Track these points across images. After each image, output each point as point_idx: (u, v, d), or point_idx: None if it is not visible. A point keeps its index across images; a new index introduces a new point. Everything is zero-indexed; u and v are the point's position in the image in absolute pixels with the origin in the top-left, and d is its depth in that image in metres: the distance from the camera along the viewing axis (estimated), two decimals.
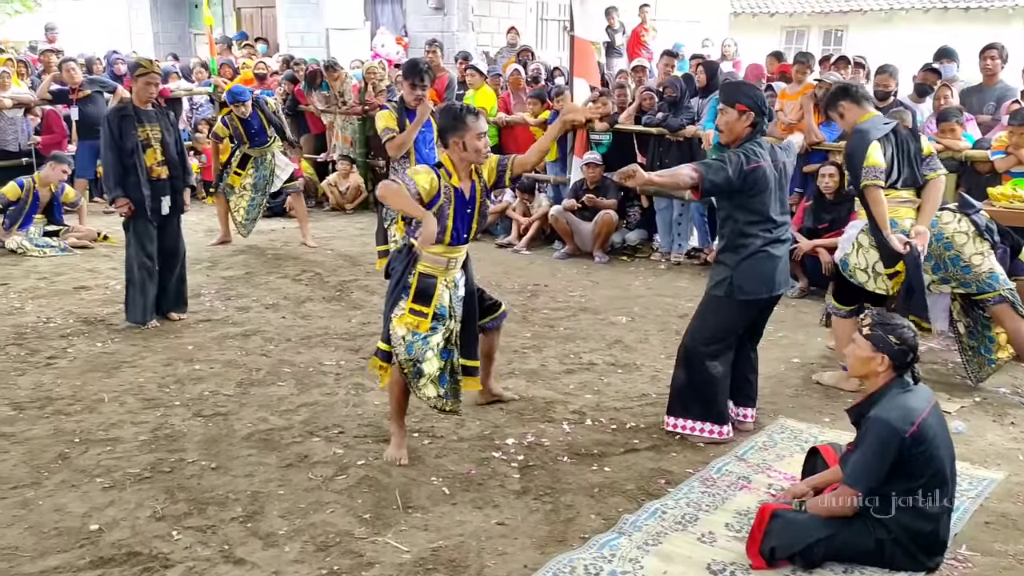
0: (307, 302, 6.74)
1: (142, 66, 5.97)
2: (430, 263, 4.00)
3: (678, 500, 3.71)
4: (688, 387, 4.30)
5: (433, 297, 3.97)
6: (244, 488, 3.80)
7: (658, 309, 6.68)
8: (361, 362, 5.37)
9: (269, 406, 4.72)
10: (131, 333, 5.92)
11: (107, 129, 5.86)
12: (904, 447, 3.03)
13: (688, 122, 8.06)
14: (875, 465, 3.06)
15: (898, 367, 3.19)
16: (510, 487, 3.84)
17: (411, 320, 3.93)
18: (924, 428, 3.06)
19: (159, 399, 4.80)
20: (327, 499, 3.71)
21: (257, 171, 8.41)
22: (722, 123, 4.17)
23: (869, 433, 3.08)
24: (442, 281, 4.02)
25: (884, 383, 3.22)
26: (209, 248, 8.48)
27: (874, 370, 3.22)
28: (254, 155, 8.38)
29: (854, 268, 4.90)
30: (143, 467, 3.99)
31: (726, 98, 4.18)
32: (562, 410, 4.70)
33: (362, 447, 4.22)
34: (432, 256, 3.99)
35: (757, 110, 4.10)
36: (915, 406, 3.11)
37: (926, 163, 4.81)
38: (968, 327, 5.06)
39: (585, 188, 8.37)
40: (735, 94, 4.17)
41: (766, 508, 3.26)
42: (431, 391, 3.98)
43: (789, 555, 3.17)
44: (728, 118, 4.13)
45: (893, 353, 3.17)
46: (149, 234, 6.01)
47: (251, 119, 8.24)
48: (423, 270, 3.99)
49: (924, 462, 3.07)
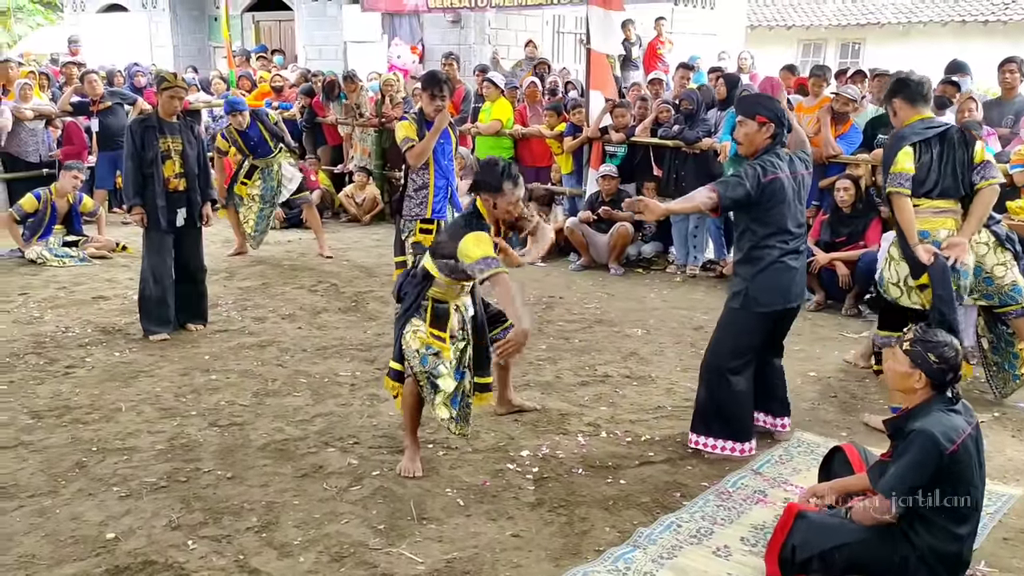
0: (323, 313, 6.76)
1: (166, 80, 6.02)
2: (442, 289, 4.02)
3: (693, 514, 3.69)
4: (710, 404, 4.27)
5: (448, 321, 4.00)
6: (259, 498, 3.81)
7: (673, 322, 6.67)
8: (376, 373, 5.38)
9: (284, 416, 4.73)
10: (148, 344, 5.96)
11: (129, 138, 5.93)
12: (943, 464, 2.99)
13: (704, 134, 8.05)
14: (913, 476, 3.01)
15: (936, 385, 3.14)
16: (524, 499, 3.83)
17: (428, 340, 3.95)
18: (964, 448, 3.02)
19: (176, 409, 4.82)
20: (342, 510, 3.72)
21: (264, 182, 8.44)
22: (741, 135, 4.15)
23: (912, 444, 3.02)
24: (453, 304, 4.05)
25: (923, 399, 3.17)
26: (226, 259, 8.53)
27: (911, 386, 3.16)
28: (260, 165, 8.41)
29: (887, 284, 4.69)
30: (159, 476, 4.01)
31: (745, 110, 4.16)
32: (577, 422, 4.69)
33: (377, 458, 4.22)
34: (445, 283, 4.01)
35: (777, 122, 4.09)
36: (958, 425, 3.06)
37: (978, 171, 4.48)
38: (992, 343, 4.99)
39: (601, 200, 8.37)
40: (754, 106, 4.16)
41: (792, 507, 3.24)
42: (444, 412, 3.97)
43: (808, 556, 3.13)
44: (748, 130, 4.12)
45: (931, 371, 3.12)
46: (165, 246, 6.05)
47: (250, 131, 8.26)
48: (435, 295, 4.01)
49: (959, 482, 3.03)
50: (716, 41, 16.41)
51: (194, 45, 17.49)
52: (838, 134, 7.33)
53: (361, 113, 10.69)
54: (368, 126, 10.58)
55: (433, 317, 3.98)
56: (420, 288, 4.03)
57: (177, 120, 6.07)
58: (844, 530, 3.15)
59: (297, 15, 15.96)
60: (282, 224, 9.91)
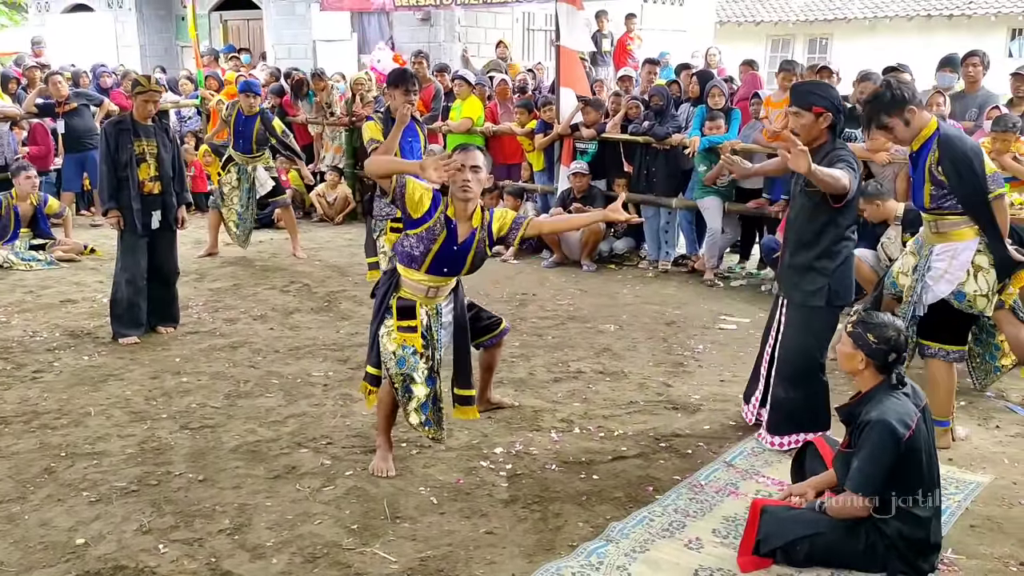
0: (295, 313, 6.73)
1: (141, 84, 5.96)
2: (410, 289, 3.95)
3: (666, 507, 3.72)
4: (804, 404, 4.22)
5: (416, 312, 3.92)
6: (231, 500, 3.79)
7: (646, 317, 6.70)
8: (349, 373, 5.36)
9: (257, 418, 4.71)
10: (117, 347, 5.90)
11: (104, 141, 5.89)
12: (901, 450, 3.05)
13: (675, 130, 8.09)
14: (879, 470, 3.06)
15: (879, 367, 3.21)
16: (498, 496, 3.84)
17: (401, 337, 3.91)
18: (918, 430, 3.08)
19: (146, 412, 4.78)
20: (315, 510, 3.70)
21: (240, 183, 8.34)
22: (798, 127, 3.97)
23: (871, 437, 3.07)
24: (421, 307, 3.96)
25: (873, 384, 3.23)
26: (197, 260, 8.46)
27: (856, 368, 3.26)
28: (237, 160, 8.32)
29: (974, 296, 4.12)
30: (130, 480, 3.97)
31: (800, 101, 3.99)
32: (550, 418, 4.71)
33: (350, 458, 4.21)
34: (412, 283, 3.94)
35: (834, 110, 3.95)
36: (909, 409, 3.12)
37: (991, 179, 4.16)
38: (975, 333, 4.99)
39: (572, 197, 8.38)
40: (809, 96, 3.99)
41: (756, 503, 3.30)
42: (415, 418, 3.94)
43: (772, 548, 3.19)
44: (804, 122, 3.96)
45: (872, 352, 3.19)
46: (139, 248, 6.00)
47: (248, 120, 8.16)
48: (403, 295, 3.95)
49: (916, 464, 3.09)
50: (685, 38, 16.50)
51: (161, 45, 17.31)
52: None
53: (332, 112, 10.64)
54: (338, 125, 10.53)
55: (399, 310, 3.91)
56: (389, 284, 4.00)
57: (152, 123, 6.02)
58: (806, 520, 3.19)
59: (265, 14, 15.84)
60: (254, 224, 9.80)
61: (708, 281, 7.78)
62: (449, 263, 3.91)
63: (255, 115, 8.18)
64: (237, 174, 8.33)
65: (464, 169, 3.78)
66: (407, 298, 3.95)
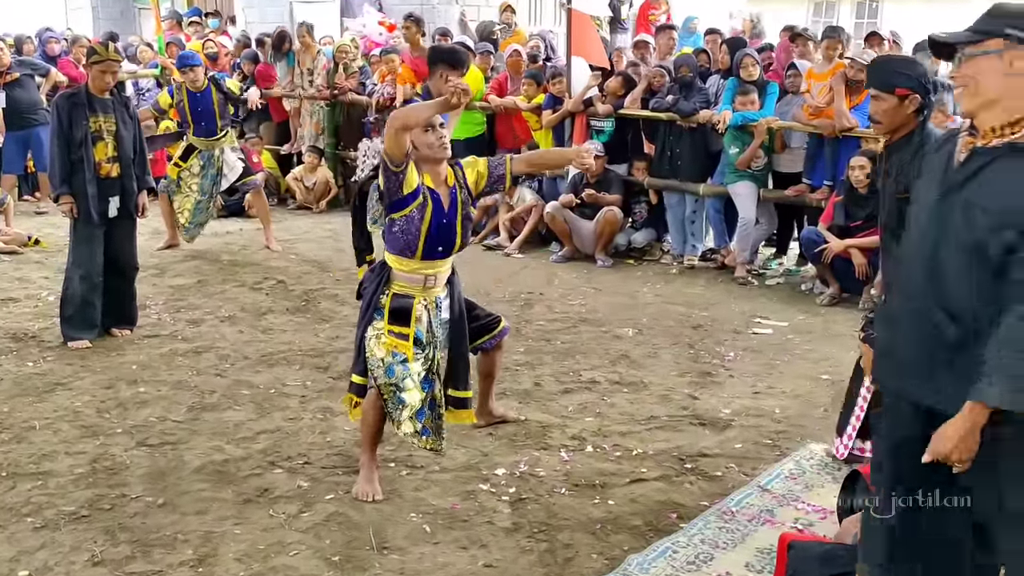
0: (268, 314, 6.74)
1: (97, 52, 5.96)
2: (404, 282, 3.98)
3: (692, 537, 3.72)
4: None
5: (411, 316, 3.95)
6: (195, 527, 3.79)
7: (669, 319, 6.70)
8: (330, 382, 5.37)
9: (224, 433, 4.71)
10: (66, 352, 5.91)
11: (55, 116, 5.89)
12: None
13: (702, 106, 8.07)
14: None
15: None
16: (500, 524, 3.84)
17: (391, 342, 3.93)
18: None
19: (98, 426, 4.79)
20: (290, 539, 3.71)
21: (204, 170, 8.33)
22: (879, 112, 3.88)
23: None
24: (420, 301, 4.00)
25: None
26: (156, 253, 8.47)
27: None
28: (200, 147, 8.32)
29: None
30: (80, 504, 3.98)
31: (880, 82, 3.88)
32: (559, 435, 4.71)
33: (331, 479, 4.21)
34: (406, 274, 3.98)
35: (922, 91, 3.82)
36: None
37: None
38: None
39: (585, 182, 8.39)
40: (891, 76, 3.87)
41: (784, 538, 3.31)
42: (408, 427, 3.97)
43: None
44: (886, 106, 3.84)
45: None
46: (95, 239, 6.01)
47: (201, 96, 8.16)
48: (397, 290, 3.98)
49: None
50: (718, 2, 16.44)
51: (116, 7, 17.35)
52: (853, 104, 7.37)
53: (312, 80, 10.63)
54: (319, 99, 10.53)
55: (392, 312, 3.95)
56: (379, 279, 4.02)
57: (110, 97, 6.02)
58: (837, 558, 3.19)
59: None
60: (220, 212, 9.81)
61: (740, 278, 7.78)
62: (443, 239, 3.96)
63: (207, 87, 8.18)
64: (200, 160, 8.31)
65: (435, 127, 3.87)
66: (402, 294, 3.97)
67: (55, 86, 10.15)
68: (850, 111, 7.37)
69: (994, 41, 2.46)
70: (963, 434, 2.42)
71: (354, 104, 10.34)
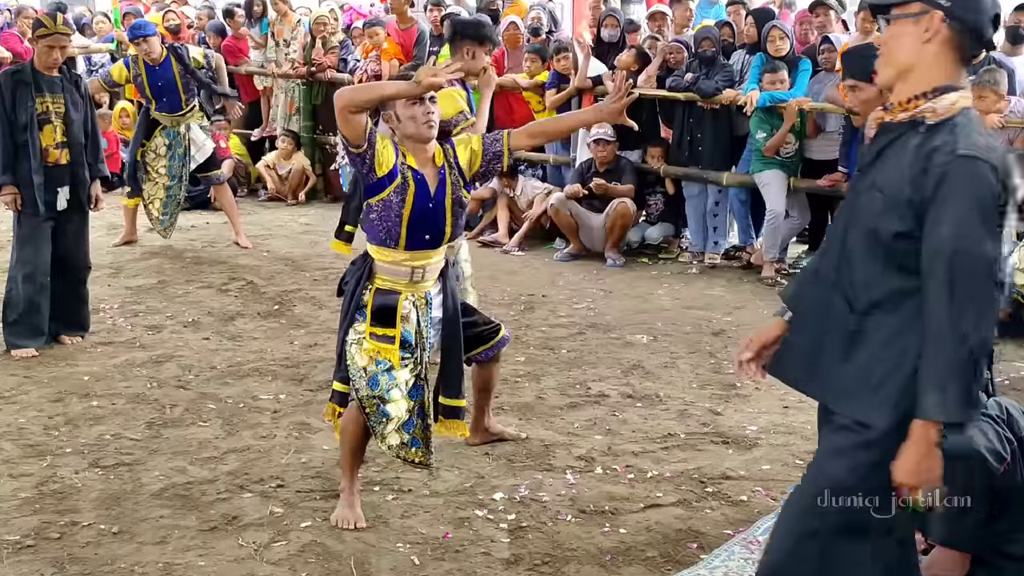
0: (237, 319, 6.75)
1: (44, 24, 5.97)
2: (388, 275, 3.96)
3: (713, 570, 3.72)
4: None
5: (397, 314, 3.94)
6: (154, 559, 3.79)
7: (687, 325, 6.71)
8: (306, 396, 5.37)
9: (187, 453, 4.71)
10: (10, 361, 5.91)
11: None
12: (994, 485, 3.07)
13: (726, 85, 8.07)
14: None
15: None
16: (497, 555, 3.84)
17: (374, 347, 3.92)
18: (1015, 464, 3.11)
19: (45, 445, 4.79)
20: (261, 572, 3.71)
21: (170, 149, 8.36)
22: (858, 103, 4.05)
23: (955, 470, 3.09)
24: (407, 297, 3.98)
25: None
26: (111, 250, 8.49)
27: None
28: (164, 123, 8.33)
29: None
30: (24, 533, 3.97)
31: (857, 70, 4.04)
32: (564, 455, 4.71)
33: (307, 504, 4.21)
34: (390, 266, 3.96)
35: None
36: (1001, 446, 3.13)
37: None
38: None
39: (594, 170, 8.40)
40: (869, 63, 3.90)
41: None
42: (395, 439, 3.97)
43: None
44: (865, 95, 4.01)
45: None
46: (42, 235, 6.01)
47: (160, 69, 8.16)
48: (381, 285, 3.96)
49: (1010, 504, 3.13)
50: None
51: None
52: None
53: (288, 54, 10.64)
54: (295, 77, 10.54)
55: (375, 311, 3.92)
56: (360, 273, 3.99)
57: (59, 75, 6.03)
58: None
59: None
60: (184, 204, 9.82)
61: (767, 279, 7.79)
62: (429, 226, 3.92)
63: (165, 58, 8.18)
64: (166, 139, 8.33)
65: (424, 99, 3.83)
66: (387, 289, 3.95)
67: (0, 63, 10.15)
68: None
69: (916, 4, 2.50)
70: (918, 459, 2.45)
71: (334, 83, 10.35)
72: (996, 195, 2.39)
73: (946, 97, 2.46)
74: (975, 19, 2.44)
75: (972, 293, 2.36)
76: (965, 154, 2.38)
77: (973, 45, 2.48)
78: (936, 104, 2.46)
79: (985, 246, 2.35)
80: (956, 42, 2.46)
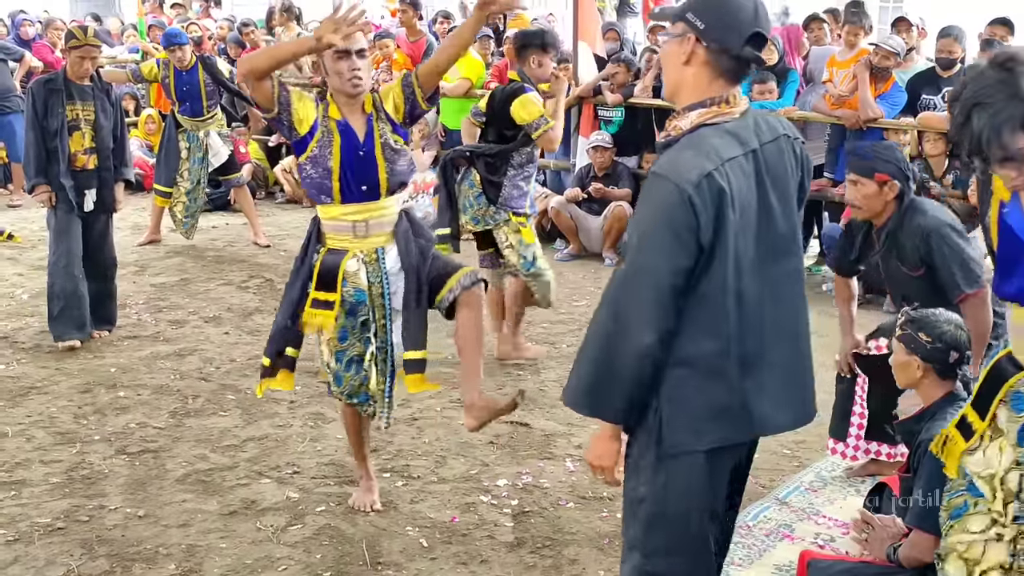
0: (255, 315, 6.74)
1: (75, 36, 5.97)
2: (333, 232, 3.77)
3: None
4: None
5: (338, 278, 3.73)
6: (178, 541, 3.80)
7: None
8: (320, 387, 5.34)
9: (209, 441, 4.72)
10: (41, 354, 5.92)
11: (30, 104, 5.91)
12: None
13: None
14: None
15: (940, 372, 3.21)
16: (501, 538, 3.85)
17: (312, 316, 3.74)
18: None
19: (75, 433, 4.80)
20: (279, 554, 3.71)
21: (190, 152, 8.37)
22: (858, 198, 4.10)
23: (927, 466, 3.07)
24: (353, 254, 3.76)
25: (939, 395, 3.24)
26: (136, 249, 8.49)
27: (915, 378, 3.29)
28: (186, 126, 8.35)
29: None
30: (55, 516, 3.98)
31: (859, 169, 4.10)
32: (565, 444, 4.72)
33: (321, 490, 4.22)
34: (332, 223, 3.77)
35: (902, 177, 4.04)
36: None
37: None
38: None
39: (592, 175, 8.40)
40: (872, 163, 4.08)
41: (804, 556, 3.31)
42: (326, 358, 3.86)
43: None
44: (866, 191, 4.06)
45: (927, 354, 3.21)
46: (73, 231, 6.02)
47: (187, 75, 8.22)
48: (331, 244, 3.78)
49: None
50: None
51: None
52: (878, 93, 7.38)
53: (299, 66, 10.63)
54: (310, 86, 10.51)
55: (320, 274, 3.74)
56: (310, 234, 3.82)
57: (90, 84, 6.04)
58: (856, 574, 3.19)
59: None
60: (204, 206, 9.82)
61: None
62: (362, 175, 3.72)
63: (194, 66, 8.23)
64: (187, 142, 8.35)
65: (351, 54, 3.63)
66: (335, 248, 3.77)
67: (29, 71, 10.16)
68: (875, 100, 7.36)
69: (679, 25, 2.49)
70: (594, 441, 2.68)
71: None
72: (673, 213, 2.34)
73: (690, 115, 2.47)
74: (728, 40, 2.41)
75: (630, 301, 2.42)
76: (655, 171, 2.42)
77: (731, 64, 2.44)
78: (680, 121, 2.48)
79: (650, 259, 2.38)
80: (713, 62, 2.44)
